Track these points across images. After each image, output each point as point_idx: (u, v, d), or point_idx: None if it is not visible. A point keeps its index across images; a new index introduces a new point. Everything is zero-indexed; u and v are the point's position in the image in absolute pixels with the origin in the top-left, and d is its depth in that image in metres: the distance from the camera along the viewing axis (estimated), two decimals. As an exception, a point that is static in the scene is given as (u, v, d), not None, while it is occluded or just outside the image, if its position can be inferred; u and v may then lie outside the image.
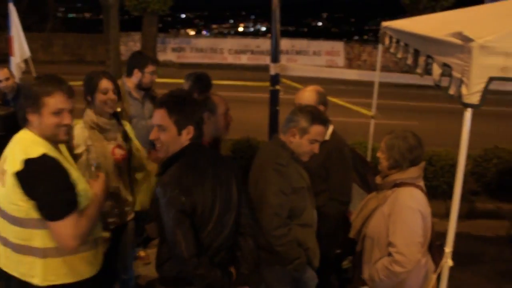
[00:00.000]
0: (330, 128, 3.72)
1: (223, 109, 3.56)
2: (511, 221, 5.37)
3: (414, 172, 3.13)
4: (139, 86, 4.59)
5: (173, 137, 2.61)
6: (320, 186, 3.53)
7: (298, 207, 3.20)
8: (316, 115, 3.20)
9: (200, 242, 2.55)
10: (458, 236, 6.08)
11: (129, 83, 4.59)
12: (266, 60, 17.44)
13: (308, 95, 3.71)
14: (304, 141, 3.17)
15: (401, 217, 3.00)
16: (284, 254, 3.12)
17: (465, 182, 7.29)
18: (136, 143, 3.74)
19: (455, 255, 2.75)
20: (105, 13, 16.71)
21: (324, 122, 3.25)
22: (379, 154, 3.22)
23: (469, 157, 7.36)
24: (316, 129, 3.17)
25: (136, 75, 4.54)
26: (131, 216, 3.74)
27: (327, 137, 3.67)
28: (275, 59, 6.20)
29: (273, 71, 6.14)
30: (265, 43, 21.31)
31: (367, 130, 5.98)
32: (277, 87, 6.18)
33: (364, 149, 6.30)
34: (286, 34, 28.03)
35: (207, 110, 3.41)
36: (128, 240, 3.80)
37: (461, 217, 6.46)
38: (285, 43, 20.66)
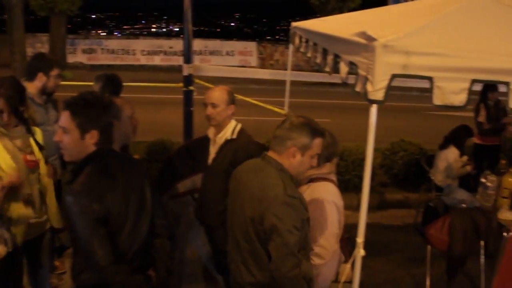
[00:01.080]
0: (238, 127, 3.76)
1: (128, 113, 3.37)
2: (417, 209, 5.69)
3: (328, 168, 3.25)
4: (43, 91, 4.31)
5: (76, 141, 2.52)
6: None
7: (305, 239, 2.82)
8: (314, 127, 2.80)
9: (117, 248, 2.50)
10: (370, 226, 6.33)
11: (31, 88, 4.24)
12: (179, 61, 17.26)
13: (219, 94, 3.71)
14: (306, 158, 2.77)
15: (318, 210, 3.06)
16: None
17: (374, 174, 7.69)
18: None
19: (367, 245, 2.86)
20: (8, 13, 15.84)
21: (323, 132, 2.89)
22: None
23: (378, 150, 7.73)
24: (318, 142, 2.79)
25: (41, 79, 4.26)
26: (47, 226, 3.60)
27: (235, 135, 3.72)
28: (188, 59, 6.18)
29: (186, 71, 6.11)
30: (178, 44, 21.09)
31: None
32: (191, 87, 6.16)
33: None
34: (199, 34, 27.90)
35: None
36: (46, 251, 3.66)
37: (372, 208, 6.82)
38: (198, 44, 20.57)
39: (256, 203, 2.66)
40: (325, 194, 3.15)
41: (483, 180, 4.70)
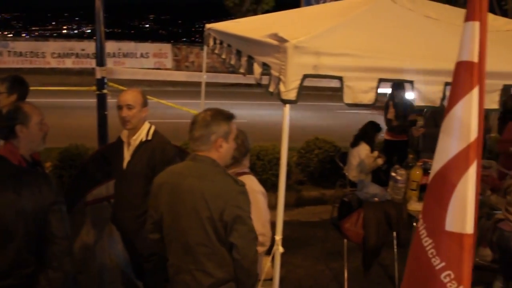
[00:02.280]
0: (152, 129, 3.73)
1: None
2: (333, 205, 5.87)
3: (246, 162, 3.46)
4: None
5: None
6: (148, 187, 3.44)
7: None
8: (225, 113, 2.85)
9: None
10: (288, 223, 6.45)
11: None
12: (92, 63, 16.75)
13: (134, 96, 3.63)
14: (231, 143, 2.84)
15: (252, 201, 3.09)
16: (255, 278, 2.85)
17: (291, 173, 7.81)
18: None
19: (286, 242, 2.92)
20: None
21: (232, 113, 2.92)
22: None
23: (293, 149, 7.89)
24: (233, 124, 2.86)
25: None
26: None
27: (150, 137, 3.68)
28: (101, 62, 6.02)
29: (99, 74, 5.96)
30: (90, 46, 20.39)
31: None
32: (104, 91, 6.00)
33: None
34: (112, 36, 27.20)
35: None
36: None
37: (290, 206, 6.97)
38: (111, 46, 20.04)
39: (211, 202, 2.64)
40: (253, 185, 3.31)
41: (393, 174, 4.93)
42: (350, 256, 4.91)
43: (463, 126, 1.69)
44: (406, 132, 7.04)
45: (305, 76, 2.76)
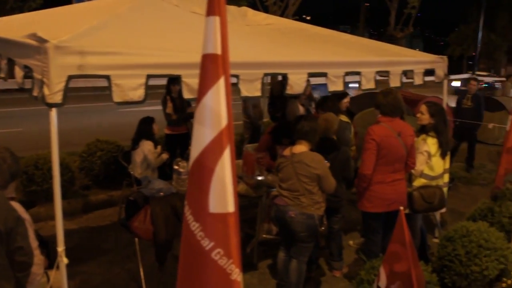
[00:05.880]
0: None
1: None
2: (120, 206, 5.79)
3: (13, 188, 3.05)
4: None
5: None
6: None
7: None
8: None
9: None
10: (78, 231, 6.19)
11: None
12: None
13: None
14: None
15: None
16: None
17: (75, 179, 7.46)
18: None
19: (78, 251, 2.84)
20: None
21: None
22: None
23: (75, 154, 7.56)
24: None
25: None
26: None
27: None
28: None
29: None
30: None
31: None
32: None
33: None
34: None
35: None
36: None
37: (77, 213, 6.69)
38: None
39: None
40: (21, 212, 2.97)
41: (175, 167, 5.04)
42: (145, 254, 4.91)
43: (214, 115, 1.82)
44: (186, 124, 7.27)
45: (70, 77, 2.67)
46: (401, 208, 2.93)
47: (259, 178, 5.39)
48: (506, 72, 37.36)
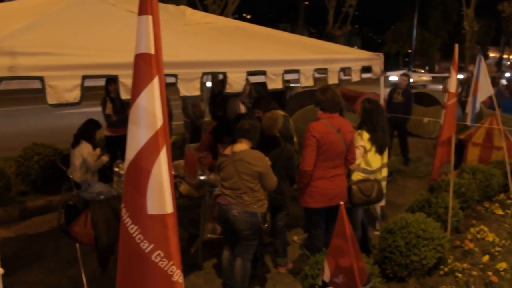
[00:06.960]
0: None
1: None
2: (59, 211, 5.63)
3: None
4: None
5: None
6: None
7: None
8: None
9: None
10: (16, 239, 5.98)
11: None
12: None
13: None
14: None
15: None
16: None
17: (11, 184, 7.21)
18: None
19: (16, 259, 2.73)
20: None
21: None
22: None
23: (11, 158, 7.29)
24: None
25: None
26: None
27: None
28: None
29: None
30: None
31: None
32: None
33: None
34: None
35: None
36: None
37: (15, 220, 6.45)
38: None
39: None
40: None
41: (116, 169, 4.93)
42: (87, 259, 4.81)
43: (149, 115, 1.80)
44: (126, 126, 7.13)
45: (1, 79, 2.57)
46: (342, 202, 3.00)
47: (202, 177, 5.38)
48: (440, 68, 38.96)
